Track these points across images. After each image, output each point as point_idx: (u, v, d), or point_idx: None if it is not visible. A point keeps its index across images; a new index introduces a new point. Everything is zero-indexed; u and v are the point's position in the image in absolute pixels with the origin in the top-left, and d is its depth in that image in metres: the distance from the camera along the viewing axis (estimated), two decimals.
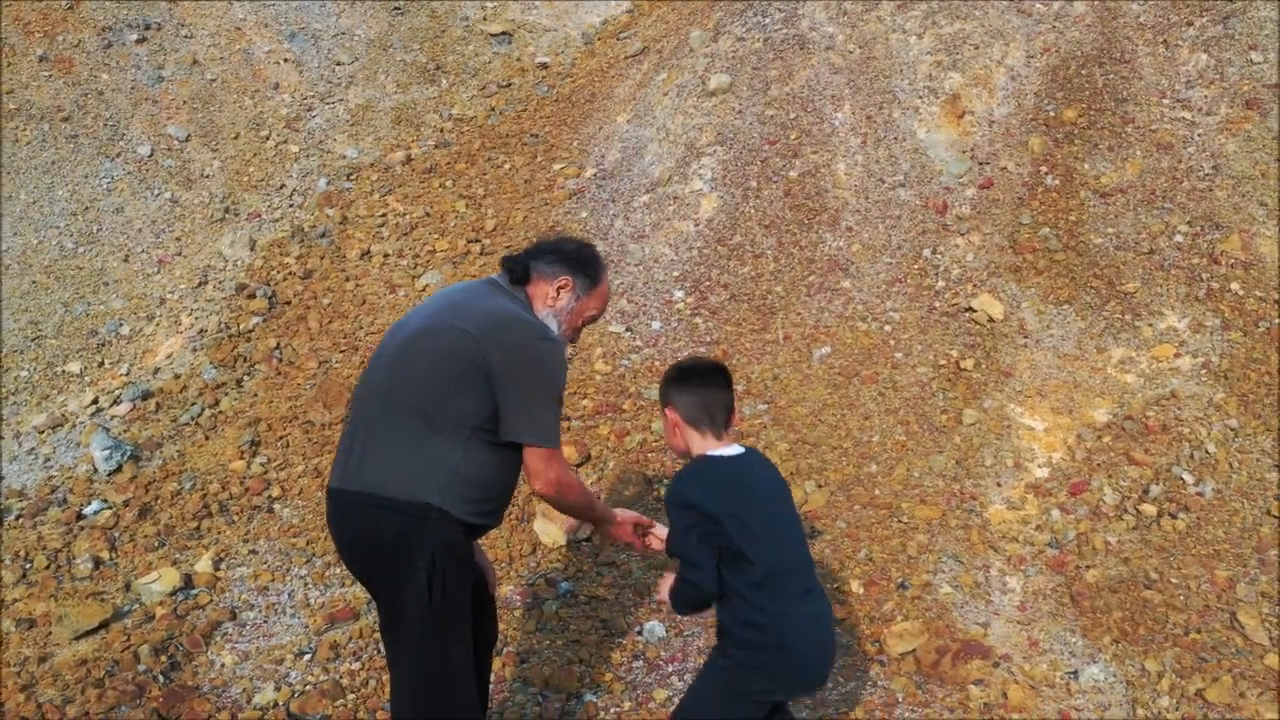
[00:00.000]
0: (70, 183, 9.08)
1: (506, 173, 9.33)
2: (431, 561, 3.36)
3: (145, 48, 10.44)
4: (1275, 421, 6.03)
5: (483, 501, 3.45)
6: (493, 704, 4.76)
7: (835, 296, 7.26)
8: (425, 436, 3.35)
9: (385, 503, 3.36)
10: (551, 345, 3.42)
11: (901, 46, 8.93)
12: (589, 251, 3.69)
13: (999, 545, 5.66)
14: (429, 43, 11.41)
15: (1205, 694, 4.72)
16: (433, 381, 3.36)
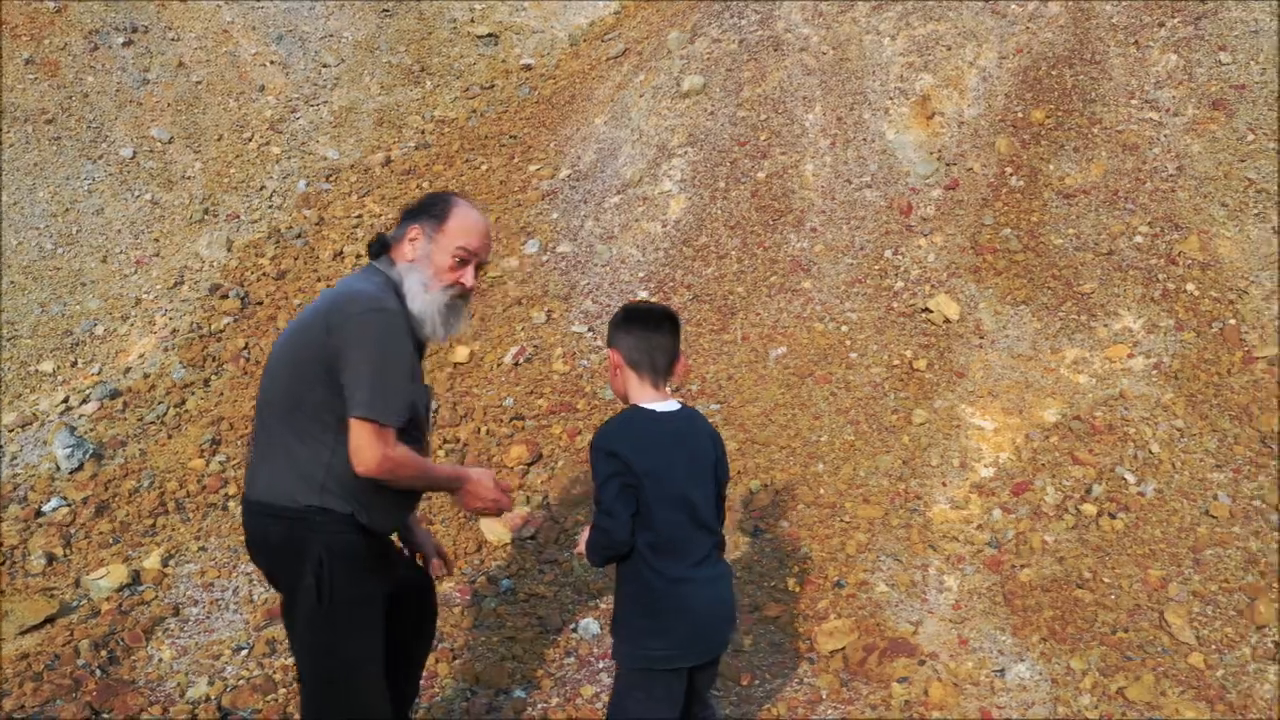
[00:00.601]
0: (52, 184, 9.22)
1: (483, 174, 9.42)
2: (319, 564, 3.36)
3: (131, 50, 10.58)
4: (1222, 422, 6.06)
5: (369, 496, 3.42)
6: (422, 698, 4.85)
7: (795, 297, 7.32)
8: (297, 439, 3.37)
9: (272, 509, 3.40)
10: (378, 315, 3.29)
11: (875, 48, 8.98)
12: (434, 196, 3.59)
13: (939, 545, 5.72)
14: (415, 45, 11.52)
15: (1126, 692, 4.76)
16: (292, 383, 3.38)
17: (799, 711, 4.78)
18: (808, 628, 5.25)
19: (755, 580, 5.60)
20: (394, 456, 3.32)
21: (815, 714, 4.77)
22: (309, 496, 3.36)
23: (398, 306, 3.38)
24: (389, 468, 3.32)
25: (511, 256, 8.25)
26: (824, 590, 5.48)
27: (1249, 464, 5.81)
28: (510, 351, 7.18)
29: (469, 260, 3.57)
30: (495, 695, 4.90)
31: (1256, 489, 5.68)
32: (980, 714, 4.72)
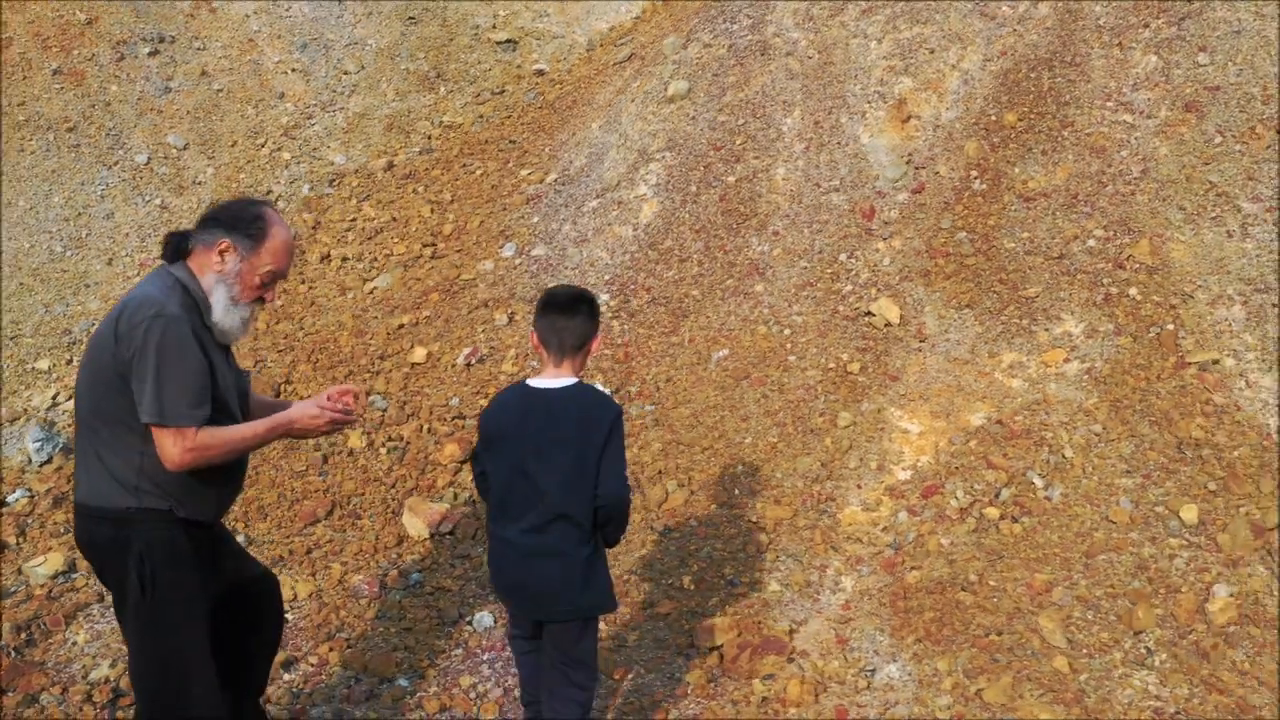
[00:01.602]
0: (67, 189, 9.73)
1: (477, 178, 9.72)
2: (140, 560, 3.65)
3: (156, 60, 11.08)
4: (1141, 427, 6.09)
5: (185, 490, 3.70)
6: (307, 685, 5.14)
7: (745, 300, 7.48)
8: (107, 446, 3.64)
9: (95, 512, 3.70)
10: (157, 322, 3.47)
11: (861, 51, 9.08)
12: (251, 211, 3.74)
13: (841, 546, 5.85)
14: (434, 51, 11.86)
15: (983, 694, 4.86)
16: (95, 392, 3.63)
17: (661, 703, 4.95)
18: (694, 625, 5.42)
19: (654, 578, 5.78)
20: (196, 447, 3.58)
21: (677, 709, 4.95)
22: (125, 499, 3.65)
23: (178, 311, 3.59)
24: (194, 458, 3.59)
25: (487, 260, 8.53)
26: (717, 588, 5.64)
27: (1160, 470, 5.83)
28: (463, 353, 7.44)
29: (276, 278, 3.84)
30: (379, 683, 5.16)
31: (1162, 495, 5.70)
32: (836, 713, 4.84)
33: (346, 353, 7.63)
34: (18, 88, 10.40)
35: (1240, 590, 5.23)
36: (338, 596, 5.73)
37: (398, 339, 7.74)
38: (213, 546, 3.97)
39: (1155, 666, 4.96)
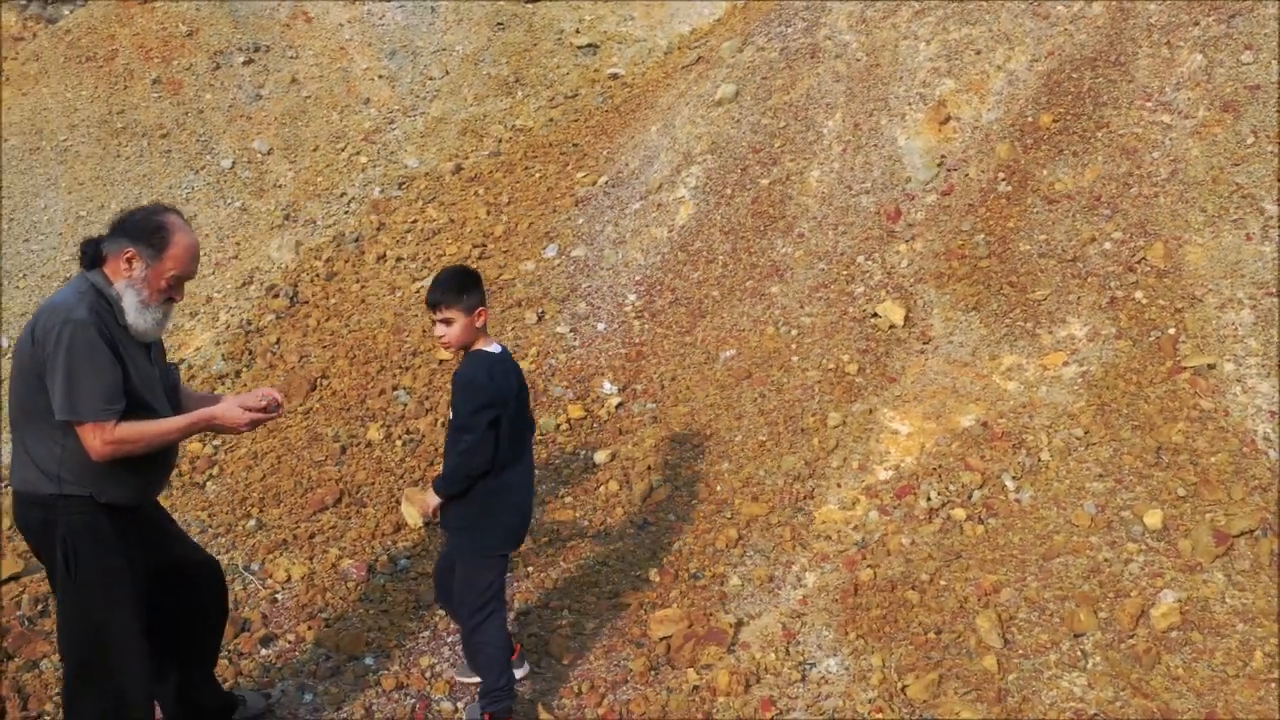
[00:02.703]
0: (156, 193, 10.43)
1: (535, 181, 10.08)
2: (64, 542, 4.07)
3: (250, 69, 11.75)
4: (1124, 432, 6.11)
5: (105, 478, 4.10)
6: (279, 660, 5.55)
7: (760, 301, 7.67)
8: (33, 439, 4.06)
9: (24, 498, 4.15)
10: (67, 326, 3.80)
11: (909, 53, 9.17)
12: (153, 221, 4.02)
13: (811, 543, 6.02)
14: (517, 56, 12.28)
15: (907, 690, 5.00)
16: (19, 390, 4.04)
17: (599, 688, 5.22)
18: (649, 615, 5.67)
19: (623, 569, 6.04)
20: (115, 440, 3.98)
21: (613, 694, 5.21)
22: (49, 486, 4.07)
23: (87, 315, 3.94)
24: (114, 450, 3.99)
25: (529, 260, 8.88)
26: (681, 581, 5.88)
27: (1133, 474, 5.86)
28: None
29: (180, 281, 4.23)
30: (346, 660, 5.54)
31: (1130, 499, 5.74)
32: (762, 704, 5.04)
33: (381, 349, 8.07)
34: (119, 96, 11.15)
35: (1190, 596, 5.25)
36: (328, 579, 6.13)
37: (431, 336, 8.13)
38: (140, 530, 4.36)
39: (1087, 669, 5.03)
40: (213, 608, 4.85)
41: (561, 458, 6.88)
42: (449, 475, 4.58)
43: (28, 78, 11.63)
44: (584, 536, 6.31)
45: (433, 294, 4.50)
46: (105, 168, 10.50)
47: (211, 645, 4.89)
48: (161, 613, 4.53)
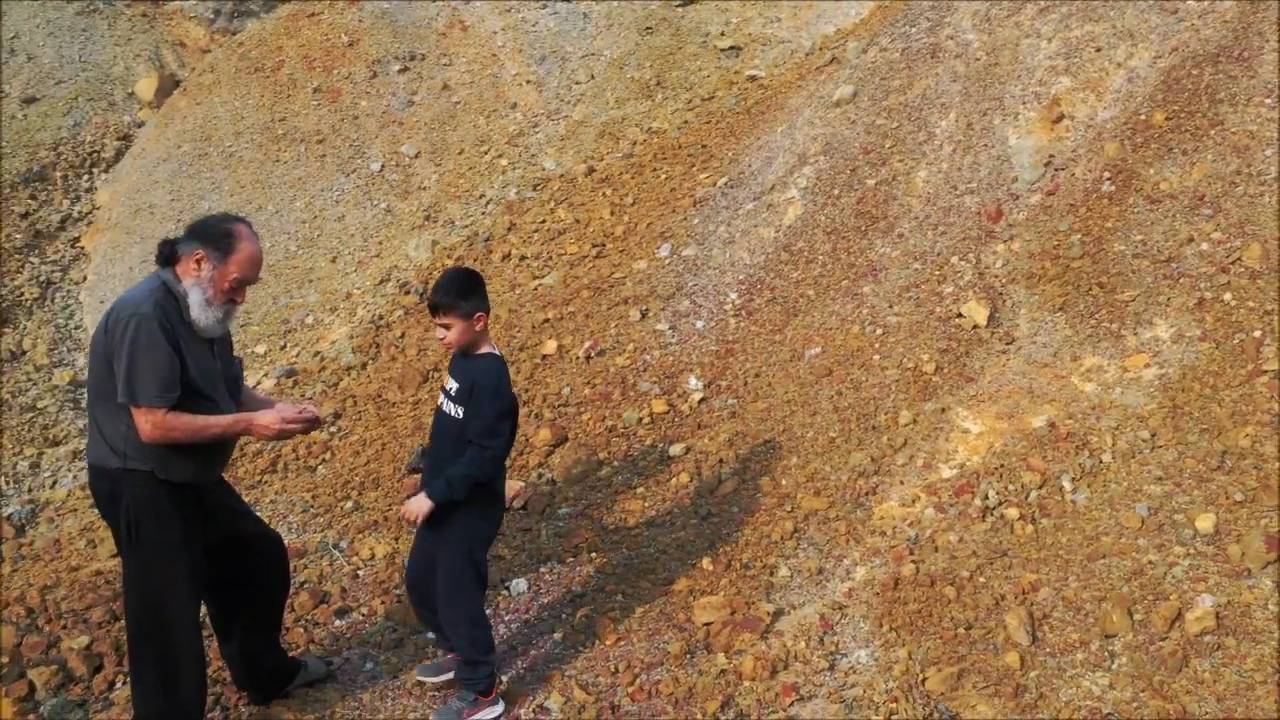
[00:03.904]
0: (309, 195, 11.14)
1: (661, 182, 10.39)
2: (126, 512, 4.57)
3: (405, 76, 12.40)
4: (1191, 435, 6.07)
5: (163, 456, 4.57)
6: (349, 631, 6.01)
7: (850, 300, 7.81)
8: (104, 417, 4.55)
9: (96, 471, 4.67)
10: (137, 319, 4.24)
11: (1030, 52, 9.15)
12: (223, 228, 4.46)
13: (865, 538, 6.17)
14: (660, 59, 12.62)
15: (926, 682, 5.13)
16: (95, 373, 4.54)
17: (634, 669, 5.49)
18: (697, 602, 5.91)
19: (680, 558, 6.30)
20: (162, 426, 4.45)
21: (648, 674, 5.47)
22: (116, 461, 4.58)
23: (151, 311, 4.41)
24: (160, 435, 4.47)
25: (642, 260, 9.20)
26: (732, 571, 6.10)
27: (1193, 478, 5.82)
28: (584, 345, 8.15)
29: (243, 285, 4.70)
30: (409, 634, 5.95)
31: (1186, 503, 5.70)
32: (783, 689, 5.24)
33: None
34: (282, 104, 11.93)
35: (1230, 601, 5.20)
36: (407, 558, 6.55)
37: (539, 332, 8.53)
38: (201, 506, 4.82)
39: (1112, 670, 5.05)
40: (275, 580, 5.30)
41: (639, 450, 7.16)
42: (462, 481, 4.67)
43: (203, 88, 12.53)
44: (649, 526, 6.57)
45: (433, 298, 4.72)
46: (265, 172, 11.26)
47: (274, 613, 5.34)
48: (227, 582, 5.03)
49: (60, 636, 6.02)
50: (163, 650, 4.75)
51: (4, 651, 5.80)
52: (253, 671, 5.34)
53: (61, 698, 5.52)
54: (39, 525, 7.71)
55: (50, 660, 5.78)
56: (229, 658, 5.33)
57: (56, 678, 5.70)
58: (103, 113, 13.26)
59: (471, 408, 4.70)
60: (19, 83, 13.50)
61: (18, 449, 9.13)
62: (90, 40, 14.31)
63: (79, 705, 5.48)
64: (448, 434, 4.83)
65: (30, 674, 5.69)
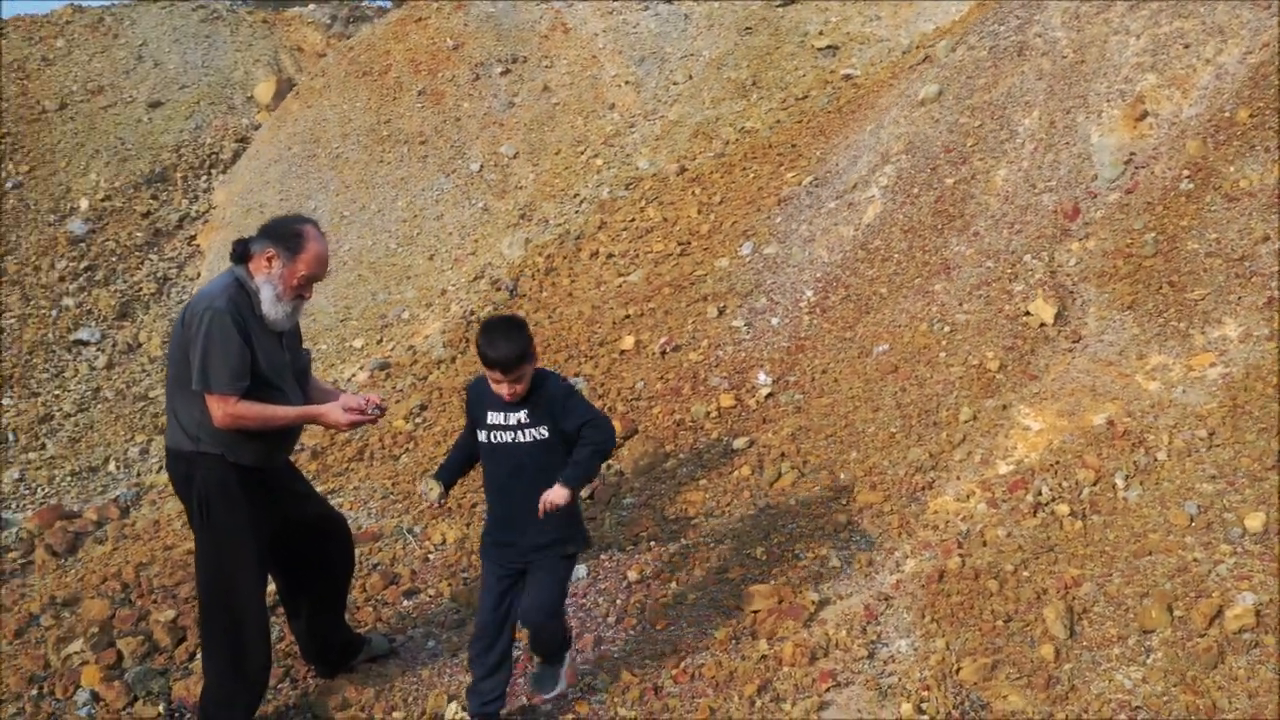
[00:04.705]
0: (410, 194, 11.55)
1: (749, 181, 10.57)
2: (199, 492, 4.92)
3: (506, 78, 12.76)
4: (1249, 435, 6.06)
5: (234, 441, 4.91)
6: (416, 611, 6.32)
7: (921, 298, 7.90)
8: (180, 402, 4.90)
9: (173, 453, 5.03)
10: (211, 312, 4.57)
11: (1118, 48, 9.12)
12: (292, 228, 4.77)
13: (917, 532, 6.29)
14: (758, 59, 12.78)
15: (960, 672, 5.24)
16: (173, 361, 4.90)
17: (680, 653, 5.70)
18: (746, 589, 6.10)
19: (735, 547, 6.48)
20: (233, 413, 4.79)
21: (692, 657, 5.67)
22: (190, 445, 4.95)
23: (224, 305, 4.74)
24: (230, 420, 4.81)
25: (725, 257, 9.39)
26: (783, 561, 6.27)
27: (1247, 477, 5.82)
28: (660, 341, 8.37)
29: (310, 282, 5.02)
30: (471, 614, 6.23)
31: (1237, 501, 5.71)
32: (820, 675, 5.40)
33: (572, 339, 8.76)
34: (388, 107, 12.37)
35: (1271, 600, 5.21)
36: (476, 544, 6.84)
37: (619, 328, 8.77)
38: (269, 488, 5.15)
39: (1146, 664, 5.11)
40: (339, 561, 5.62)
41: (705, 444, 7.36)
42: (589, 461, 4.73)
43: (314, 91, 13.04)
44: (707, 516, 6.77)
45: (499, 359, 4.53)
46: (369, 172, 11.70)
47: (338, 592, 5.66)
48: (294, 562, 5.37)
49: (150, 610, 6.43)
50: (230, 622, 5.08)
51: (95, 623, 6.22)
52: (319, 646, 5.67)
53: (145, 666, 5.89)
54: (142, 507, 8.18)
55: (138, 631, 6.17)
56: (297, 633, 5.66)
57: (142, 647, 6.08)
58: (222, 116, 13.86)
59: (563, 412, 4.66)
60: (145, 88, 14.19)
61: (130, 435, 9.67)
62: (213, 46, 14.97)
63: (160, 674, 5.85)
64: (534, 461, 4.72)
65: (119, 643, 6.08)
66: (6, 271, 11.91)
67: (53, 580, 7.00)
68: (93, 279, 11.76)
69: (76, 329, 11.21)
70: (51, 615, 6.43)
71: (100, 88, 14.30)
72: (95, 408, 10.25)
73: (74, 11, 15.64)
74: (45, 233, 12.33)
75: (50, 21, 15.53)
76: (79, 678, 5.82)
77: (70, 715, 5.54)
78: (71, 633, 6.16)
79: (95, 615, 6.35)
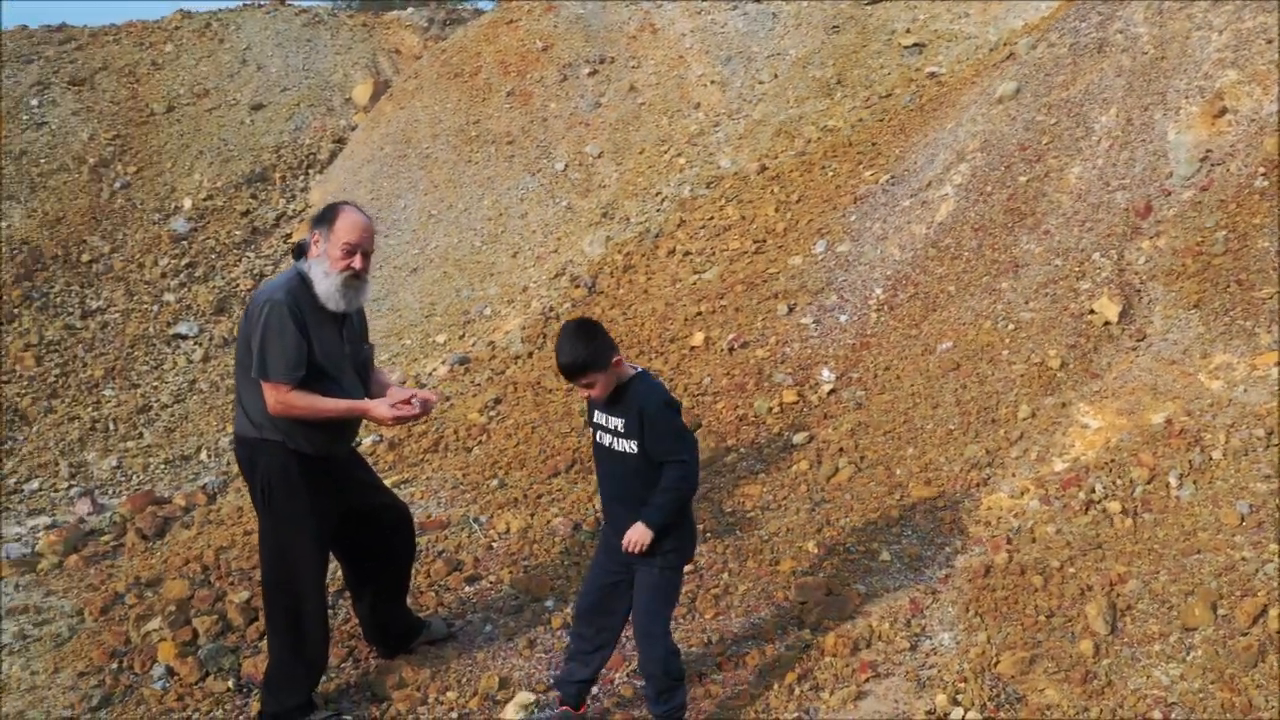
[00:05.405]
0: (496, 193, 11.81)
1: (828, 179, 10.64)
2: (262, 477, 5.16)
3: (593, 79, 12.97)
4: None
5: (294, 428, 5.15)
6: (477, 597, 6.54)
7: (988, 296, 7.93)
8: (245, 391, 5.15)
9: (238, 439, 5.30)
10: (270, 304, 4.75)
11: (1199, 44, 9.05)
12: (326, 208, 4.98)
13: (969, 527, 6.35)
14: (843, 58, 12.83)
15: (998, 665, 5.31)
16: (240, 349, 5.13)
17: (726, 641, 5.84)
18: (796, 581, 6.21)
19: (788, 541, 6.59)
20: (283, 400, 5.02)
21: (738, 647, 5.80)
22: (253, 432, 5.20)
23: (283, 299, 4.96)
24: (281, 408, 5.04)
25: (798, 255, 9.48)
26: (835, 554, 6.37)
27: None
28: (729, 337, 8.50)
29: (354, 250, 5.22)
30: (530, 601, 6.44)
31: None
32: (860, 665, 5.50)
33: (644, 336, 8.93)
34: (477, 108, 12.65)
35: None
36: (539, 533, 7.05)
37: (690, 325, 8.92)
38: (331, 475, 5.38)
39: (1186, 661, 5.12)
40: (401, 547, 5.84)
41: (765, 438, 7.47)
42: (670, 504, 4.59)
43: (407, 93, 13.39)
44: (764, 510, 6.88)
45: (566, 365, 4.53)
46: (457, 172, 11.99)
47: (399, 577, 5.89)
48: (357, 548, 5.61)
49: (226, 591, 6.73)
50: (291, 603, 5.32)
51: (174, 602, 6.53)
52: (380, 628, 5.90)
53: (218, 644, 6.17)
54: (228, 494, 8.53)
55: (214, 611, 6.47)
56: (360, 615, 5.91)
57: (216, 626, 6.37)
58: (321, 117, 14.29)
59: (650, 433, 4.54)
60: (249, 90, 14.67)
61: (221, 426, 10.06)
62: (314, 49, 15.41)
63: (232, 651, 6.13)
64: (626, 471, 4.69)
65: (195, 622, 6.38)
66: (113, 268, 12.43)
67: (139, 562, 7.34)
68: (192, 275, 12.23)
69: (176, 323, 11.68)
70: (135, 594, 6.74)
71: (206, 91, 14.82)
72: (190, 399, 10.67)
73: (183, 17, 16.23)
74: (150, 231, 12.83)
75: (160, 27, 16.13)
76: (156, 653, 6.10)
77: (146, 688, 5.80)
78: (151, 611, 6.46)
79: (175, 595, 6.65)
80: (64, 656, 5.90)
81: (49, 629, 6.20)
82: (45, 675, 5.76)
